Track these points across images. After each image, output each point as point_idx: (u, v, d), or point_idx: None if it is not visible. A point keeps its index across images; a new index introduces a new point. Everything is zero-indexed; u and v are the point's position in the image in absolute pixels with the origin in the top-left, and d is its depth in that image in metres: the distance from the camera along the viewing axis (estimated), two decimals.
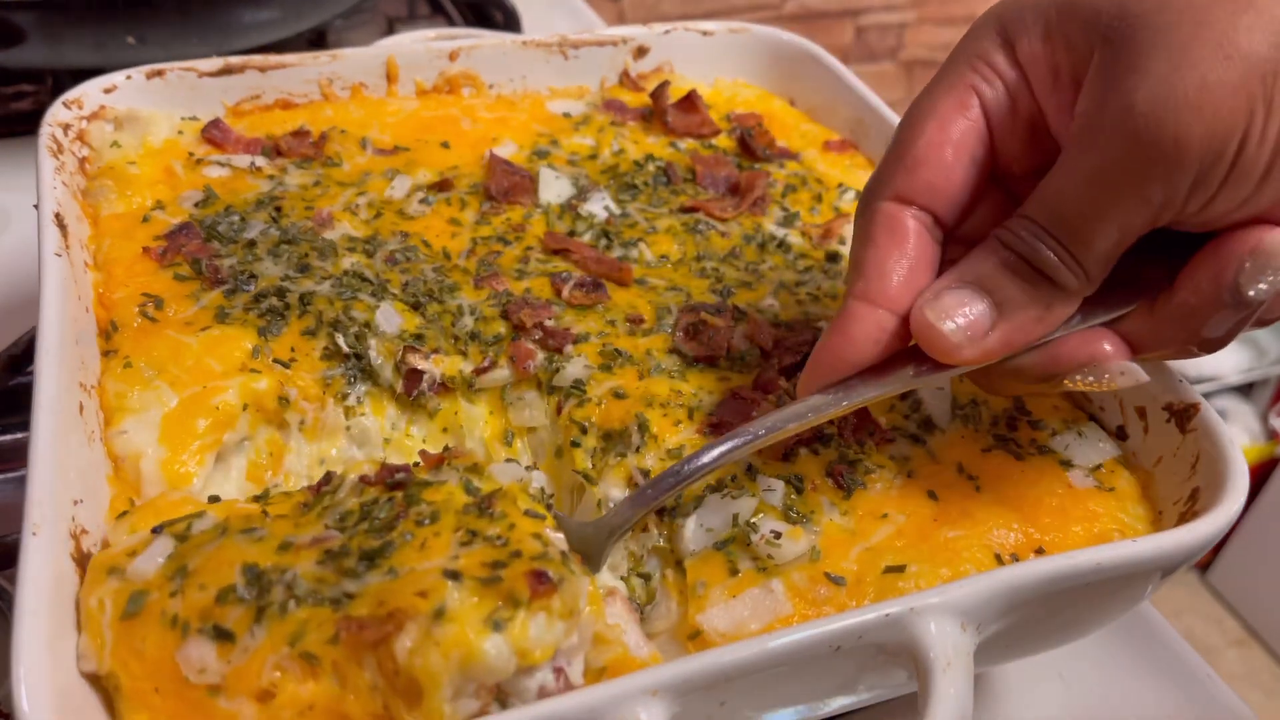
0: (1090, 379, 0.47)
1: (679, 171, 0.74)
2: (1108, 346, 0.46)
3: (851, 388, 0.47)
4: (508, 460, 0.55)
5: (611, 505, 0.51)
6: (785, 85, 0.84)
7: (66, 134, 0.66)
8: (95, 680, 0.42)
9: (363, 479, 0.47)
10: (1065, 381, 0.47)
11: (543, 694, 0.40)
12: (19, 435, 0.68)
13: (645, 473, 0.51)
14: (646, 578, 0.49)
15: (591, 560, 0.47)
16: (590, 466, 0.53)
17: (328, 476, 0.49)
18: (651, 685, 0.38)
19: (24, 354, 0.71)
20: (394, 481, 0.46)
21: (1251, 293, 0.43)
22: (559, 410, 0.56)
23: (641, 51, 0.83)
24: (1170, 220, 0.44)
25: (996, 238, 0.46)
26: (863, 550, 0.48)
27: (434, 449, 0.56)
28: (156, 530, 0.45)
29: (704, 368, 0.57)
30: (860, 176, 0.76)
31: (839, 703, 0.48)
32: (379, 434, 0.57)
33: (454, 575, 0.40)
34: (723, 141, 0.78)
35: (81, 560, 0.45)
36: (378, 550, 0.42)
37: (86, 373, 0.51)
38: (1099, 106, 0.43)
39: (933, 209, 0.48)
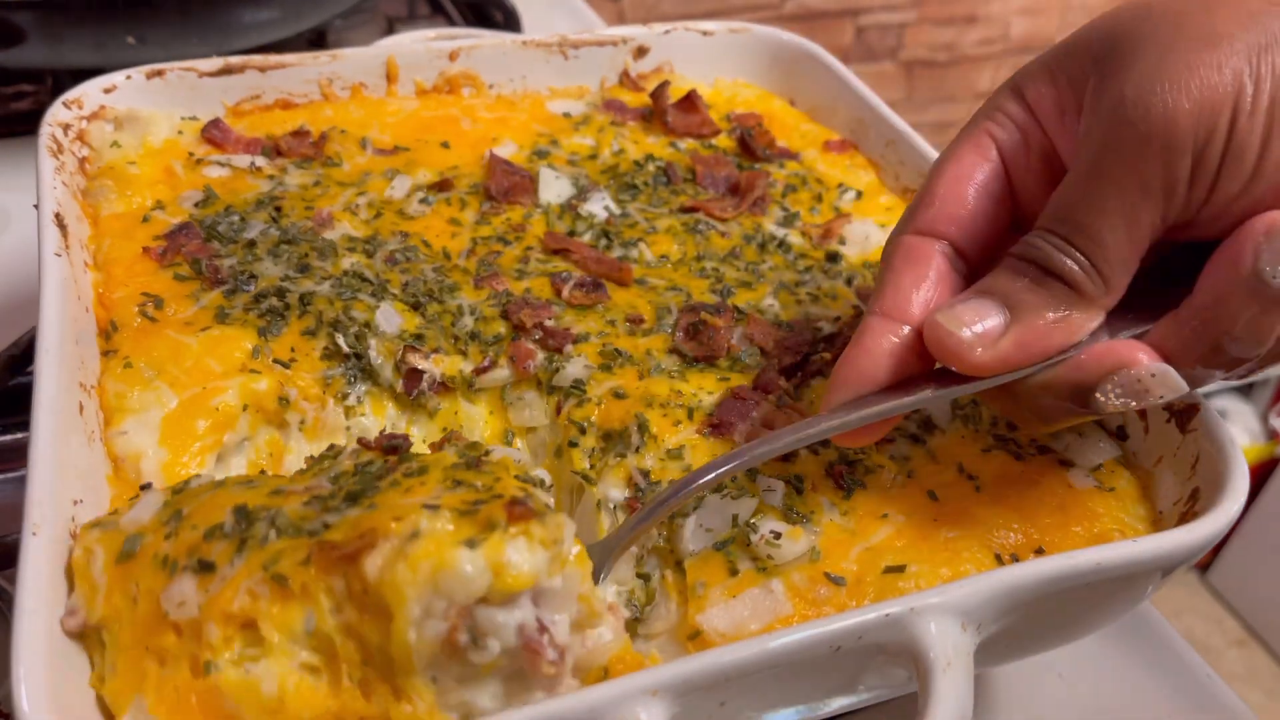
0: (1126, 395, 0.45)
1: (679, 171, 0.74)
2: (1137, 352, 0.45)
3: (868, 403, 0.47)
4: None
5: (611, 506, 0.51)
6: (785, 85, 0.84)
7: (66, 134, 0.66)
8: (96, 687, 0.42)
9: (361, 442, 0.47)
10: (1098, 397, 0.45)
11: (523, 638, 0.38)
12: (19, 435, 0.68)
13: (645, 473, 0.51)
14: (646, 578, 0.49)
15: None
16: (589, 467, 0.53)
17: (330, 448, 0.49)
18: (651, 685, 0.38)
19: (24, 354, 0.71)
20: (390, 446, 0.47)
21: (1270, 270, 0.42)
22: (559, 410, 0.56)
23: (641, 51, 0.83)
24: (1179, 216, 0.43)
25: (1010, 254, 0.47)
26: (863, 550, 0.48)
27: None
28: (145, 486, 0.45)
29: (704, 368, 0.57)
30: (860, 176, 0.76)
31: (839, 703, 0.48)
32: (379, 433, 0.57)
33: (432, 507, 0.39)
34: (723, 141, 0.78)
35: None
36: (361, 492, 0.42)
37: (86, 373, 0.51)
38: (1094, 113, 0.44)
39: (953, 240, 0.49)
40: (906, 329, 0.47)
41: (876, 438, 0.49)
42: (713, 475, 0.46)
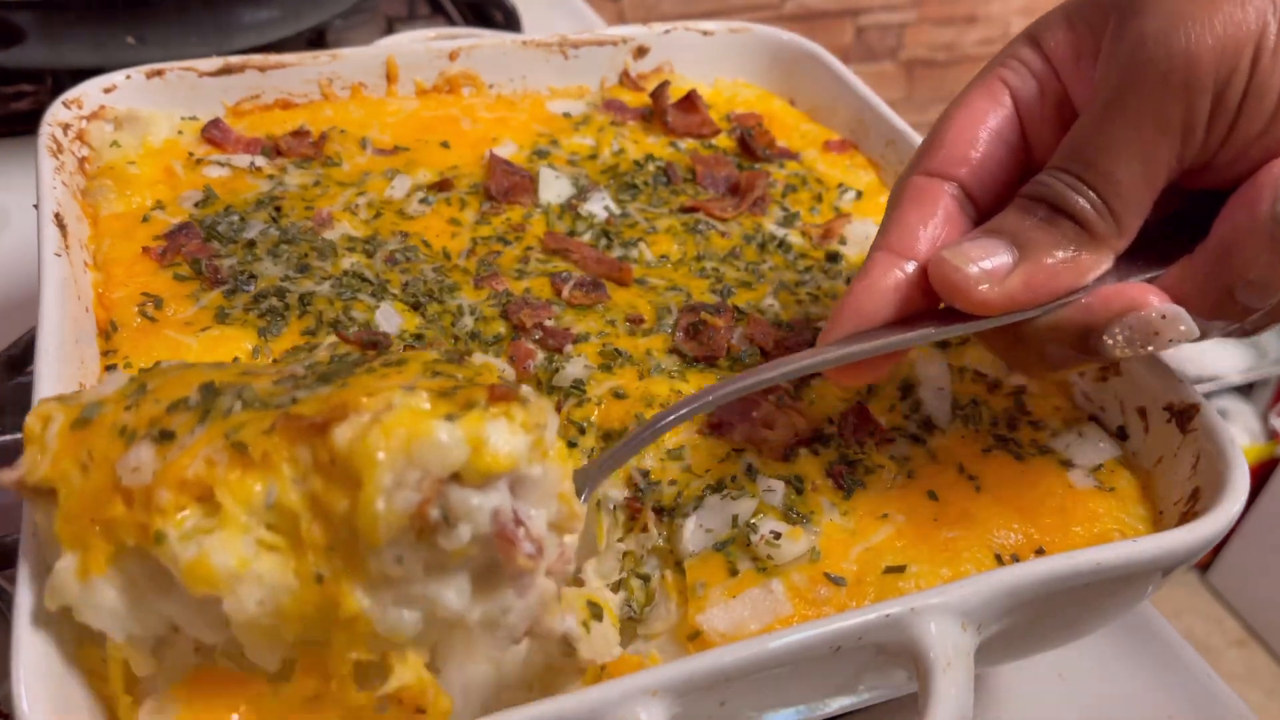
0: (1134, 339, 0.43)
1: (679, 171, 0.74)
2: (1148, 295, 0.43)
3: (868, 338, 0.45)
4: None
5: (611, 506, 0.51)
6: (785, 85, 0.84)
7: (66, 134, 0.66)
8: (93, 683, 0.42)
9: (339, 334, 0.44)
10: (1106, 340, 0.43)
11: (498, 524, 0.36)
12: (18, 435, 0.68)
13: (644, 473, 0.51)
14: (646, 579, 0.49)
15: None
16: None
17: (306, 342, 0.47)
18: (651, 685, 0.38)
19: (23, 354, 0.71)
20: (370, 341, 0.44)
21: None
22: (558, 410, 0.56)
23: (641, 51, 0.83)
24: (1196, 158, 0.42)
25: (1020, 193, 0.45)
26: (863, 550, 0.48)
27: None
28: (110, 368, 0.43)
29: (704, 368, 0.57)
30: (860, 176, 0.76)
31: (839, 703, 0.48)
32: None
33: (409, 387, 0.37)
34: (723, 141, 0.78)
35: None
36: (334, 373, 0.40)
37: (86, 373, 0.51)
38: (1112, 53, 0.43)
39: (962, 182, 0.47)
40: (912, 265, 0.46)
41: (874, 376, 0.47)
42: (708, 399, 0.45)
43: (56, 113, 0.66)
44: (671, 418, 0.46)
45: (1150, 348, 0.43)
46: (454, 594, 0.37)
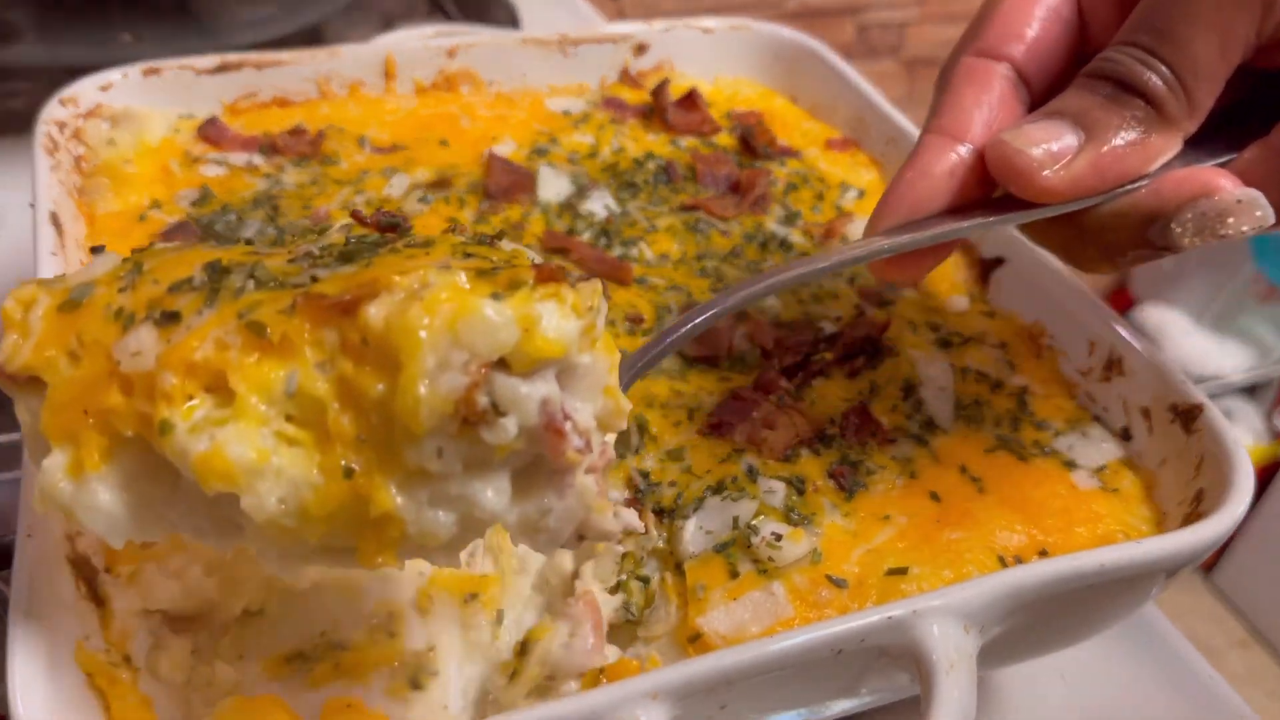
0: (1206, 226, 0.40)
1: (679, 170, 0.74)
2: (1220, 179, 0.40)
3: (920, 228, 0.42)
4: None
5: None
6: (786, 83, 0.84)
7: (62, 132, 0.65)
8: (91, 680, 0.42)
9: (354, 215, 0.40)
10: (1174, 228, 0.40)
11: (546, 415, 0.33)
12: (14, 435, 0.68)
13: (644, 474, 0.51)
14: (645, 581, 0.49)
15: None
16: None
17: (316, 226, 0.42)
18: (652, 688, 0.38)
19: None
20: (389, 224, 0.39)
21: None
22: None
23: (641, 49, 0.83)
24: (1273, 35, 0.40)
25: (1083, 72, 0.42)
26: (865, 552, 0.48)
27: None
28: (96, 249, 0.38)
29: (704, 368, 0.57)
30: (862, 175, 0.76)
31: (841, 706, 0.48)
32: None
33: (443, 266, 0.33)
34: (723, 139, 0.78)
35: (77, 561, 0.45)
36: (356, 253, 0.36)
37: None
38: None
39: (1016, 63, 0.45)
40: (966, 149, 0.43)
41: (924, 270, 0.44)
42: (758, 287, 0.42)
43: (52, 111, 0.66)
44: (715, 310, 0.43)
45: (1223, 234, 0.40)
46: (493, 494, 0.34)
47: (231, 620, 0.46)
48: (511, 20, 1.16)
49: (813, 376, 0.57)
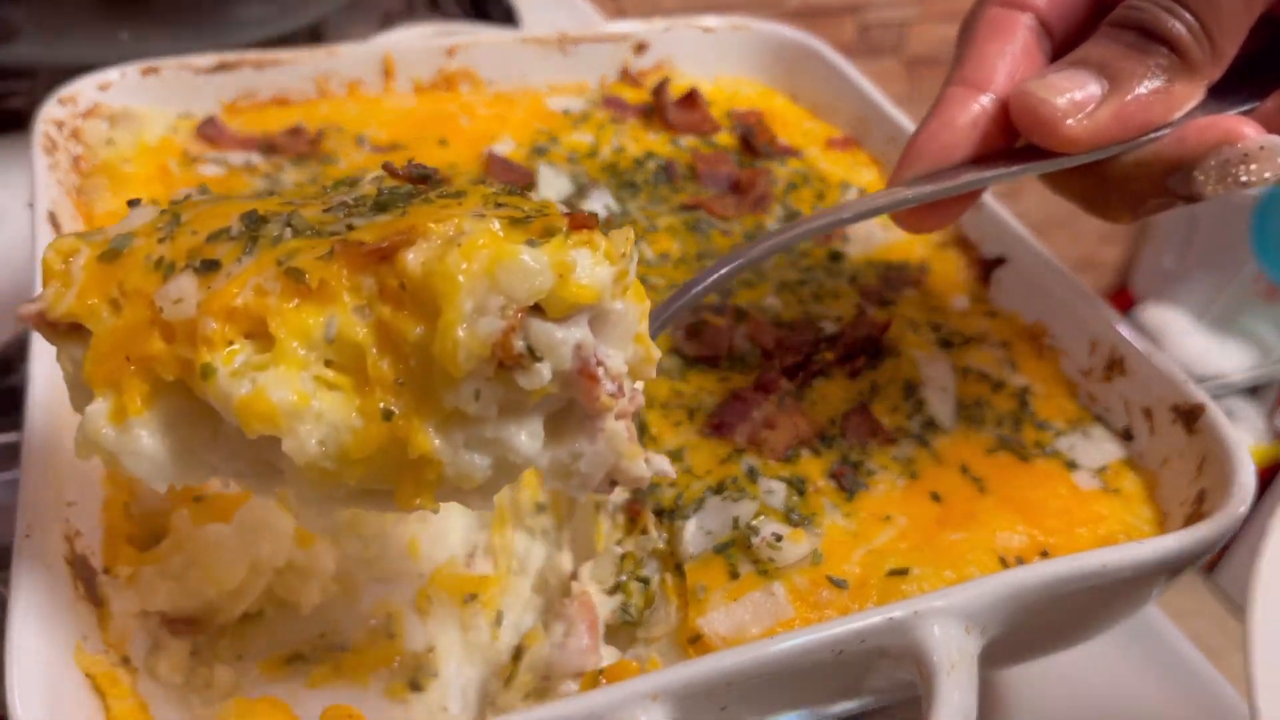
0: (1229, 173, 0.40)
1: (680, 169, 0.73)
2: (1244, 126, 0.40)
3: (942, 178, 0.42)
4: None
5: (610, 508, 0.50)
6: (787, 82, 0.84)
7: (61, 131, 0.65)
8: (90, 681, 0.42)
9: (386, 168, 0.40)
10: (1198, 176, 0.41)
11: (579, 360, 0.34)
12: (12, 436, 0.68)
13: None
14: (645, 581, 0.48)
15: None
16: None
17: (347, 177, 0.43)
18: (652, 690, 0.38)
19: (17, 355, 0.71)
20: (420, 175, 0.40)
21: None
22: None
23: (642, 48, 0.83)
24: None
25: (1107, 21, 0.42)
26: (865, 553, 0.48)
27: None
28: (133, 203, 0.39)
29: (704, 368, 0.57)
30: (863, 174, 0.75)
31: (841, 706, 0.48)
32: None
33: (478, 214, 0.34)
34: (724, 139, 0.78)
35: (75, 561, 0.44)
36: (390, 203, 0.37)
37: None
38: None
39: (1040, 13, 0.45)
40: (989, 99, 0.43)
41: (947, 220, 0.45)
42: (771, 243, 0.42)
43: (51, 110, 0.66)
44: (741, 260, 0.43)
45: (1245, 180, 0.41)
46: (527, 437, 0.35)
47: (230, 622, 0.46)
48: (511, 19, 1.16)
49: (813, 376, 0.57)
